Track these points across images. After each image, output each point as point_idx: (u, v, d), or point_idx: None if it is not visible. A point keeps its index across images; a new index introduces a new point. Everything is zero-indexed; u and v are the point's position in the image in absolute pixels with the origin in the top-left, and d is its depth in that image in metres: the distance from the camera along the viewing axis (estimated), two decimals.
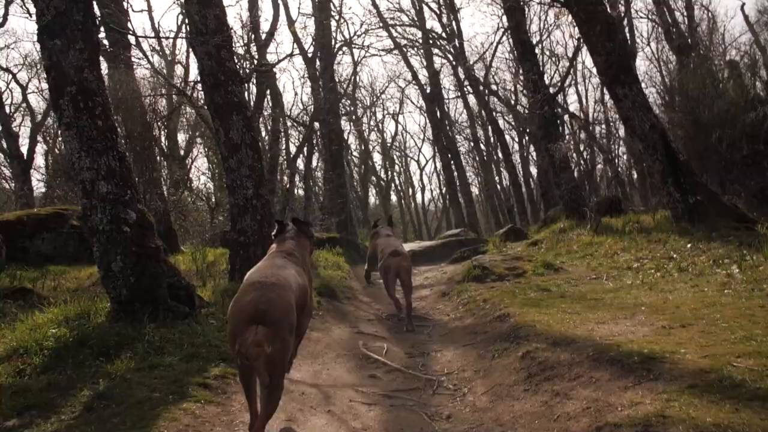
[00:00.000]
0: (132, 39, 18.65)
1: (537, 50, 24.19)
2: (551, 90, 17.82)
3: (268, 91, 26.14)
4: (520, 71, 31.95)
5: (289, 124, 27.72)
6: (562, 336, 6.20)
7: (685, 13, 31.23)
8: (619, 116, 14.05)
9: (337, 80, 21.05)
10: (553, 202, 30.81)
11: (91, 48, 7.41)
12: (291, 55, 15.54)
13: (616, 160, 35.14)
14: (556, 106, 17.73)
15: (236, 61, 11.39)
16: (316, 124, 17.61)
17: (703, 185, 13.29)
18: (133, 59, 19.01)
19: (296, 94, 58.72)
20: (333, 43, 17.36)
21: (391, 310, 10.09)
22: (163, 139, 30.61)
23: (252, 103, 24.63)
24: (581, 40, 17.60)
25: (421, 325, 8.99)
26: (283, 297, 4.34)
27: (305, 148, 15.70)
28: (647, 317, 6.58)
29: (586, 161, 35.03)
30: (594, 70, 35.59)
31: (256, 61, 14.64)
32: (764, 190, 15.01)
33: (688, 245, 11.30)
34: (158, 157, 29.00)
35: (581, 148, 32.01)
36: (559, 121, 18.13)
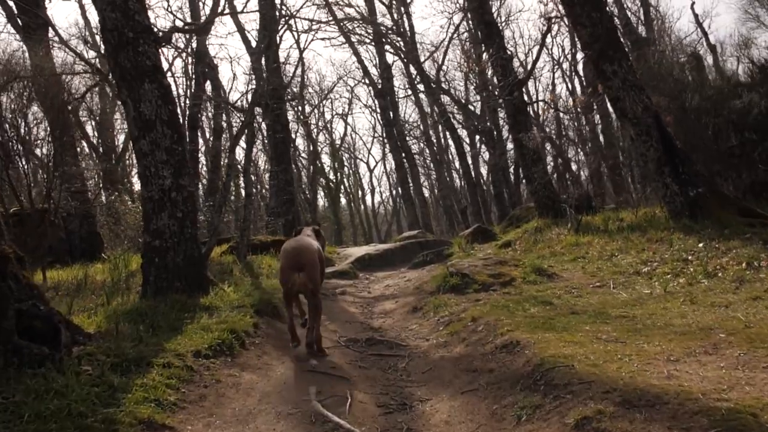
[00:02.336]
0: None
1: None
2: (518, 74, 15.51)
3: (208, 85, 23.34)
4: (474, 67, 29.85)
5: (233, 120, 24.94)
6: (631, 388, 3.77)
7: (637, 12, 29.71)
8: (607, 97, 11.84)
9: (281, 63, 18.38)
10: (512, 202, 28.79)
11: None
12: (221, 14, 12.87)
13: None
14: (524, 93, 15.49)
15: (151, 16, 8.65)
16: (258, 111, 15.00)
17: (703, 176, 11.19)
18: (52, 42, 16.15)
19: (235, 77, 53.08)
20: (277, 16, 14.77)
21: (352, 331, 7.61)
22: (94, 133, 27.33)
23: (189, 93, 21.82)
24: (551, 21, 15.41)
25: (394, 355, 6.46)
26: (312, 254, 6.39)
27: (245, 136, 13.00)
28: (747, 353, 4.21)
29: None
30: (547, 65, 33.76)
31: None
32: (755, 184, 12.99)
33: (700, 244, 9.19)
34: (87, 151, 25.67)
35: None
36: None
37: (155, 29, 8.67)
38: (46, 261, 11.64)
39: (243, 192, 23.63)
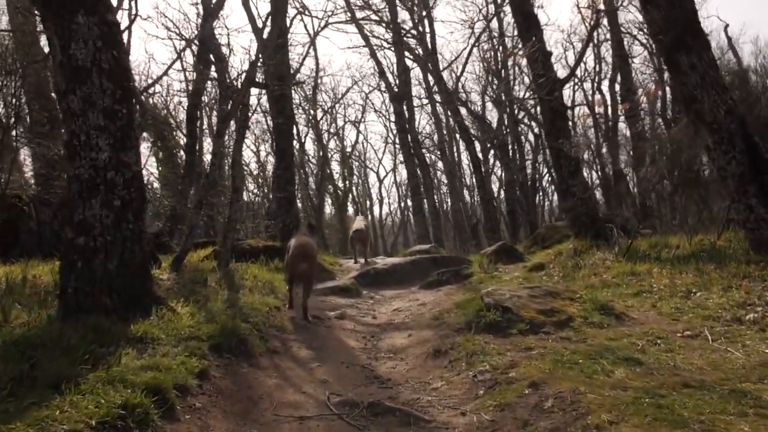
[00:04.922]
0: None
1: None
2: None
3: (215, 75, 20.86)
4: (494, 70, 27.42)
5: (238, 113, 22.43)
6: None
7: None
8: (681, 96, 9.29)
9: (290, 44, 16.01)
10: (528, 220, 26.24)
11: None
12: None
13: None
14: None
15: None
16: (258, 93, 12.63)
17: None
18: None
19: (232, 51, 45.37)
20: None
21: (349, 383, 5.09)
22: None
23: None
24: (599, 14, 12.93)
25: None
26: (313, 249, 8.06)
27: (237, 115, 10.53)
28: None
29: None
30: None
31: None
32: None
33: None
34: None
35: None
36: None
37: None
38: None
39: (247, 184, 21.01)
